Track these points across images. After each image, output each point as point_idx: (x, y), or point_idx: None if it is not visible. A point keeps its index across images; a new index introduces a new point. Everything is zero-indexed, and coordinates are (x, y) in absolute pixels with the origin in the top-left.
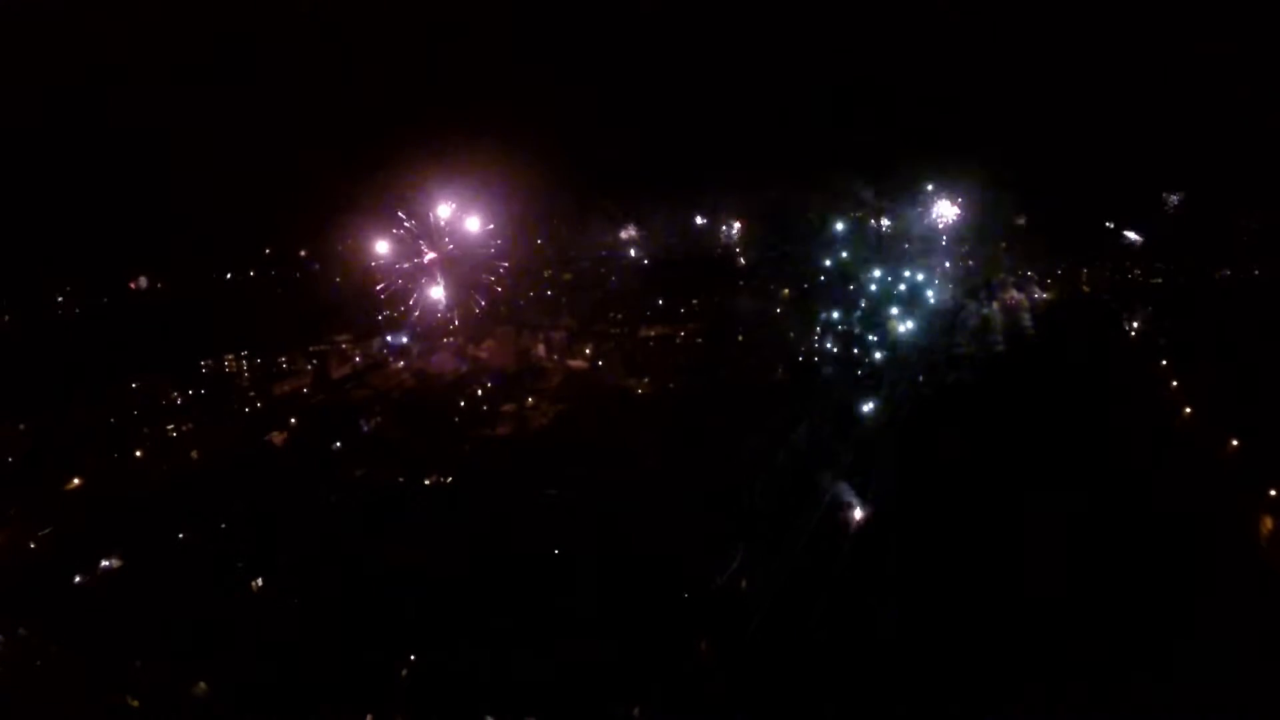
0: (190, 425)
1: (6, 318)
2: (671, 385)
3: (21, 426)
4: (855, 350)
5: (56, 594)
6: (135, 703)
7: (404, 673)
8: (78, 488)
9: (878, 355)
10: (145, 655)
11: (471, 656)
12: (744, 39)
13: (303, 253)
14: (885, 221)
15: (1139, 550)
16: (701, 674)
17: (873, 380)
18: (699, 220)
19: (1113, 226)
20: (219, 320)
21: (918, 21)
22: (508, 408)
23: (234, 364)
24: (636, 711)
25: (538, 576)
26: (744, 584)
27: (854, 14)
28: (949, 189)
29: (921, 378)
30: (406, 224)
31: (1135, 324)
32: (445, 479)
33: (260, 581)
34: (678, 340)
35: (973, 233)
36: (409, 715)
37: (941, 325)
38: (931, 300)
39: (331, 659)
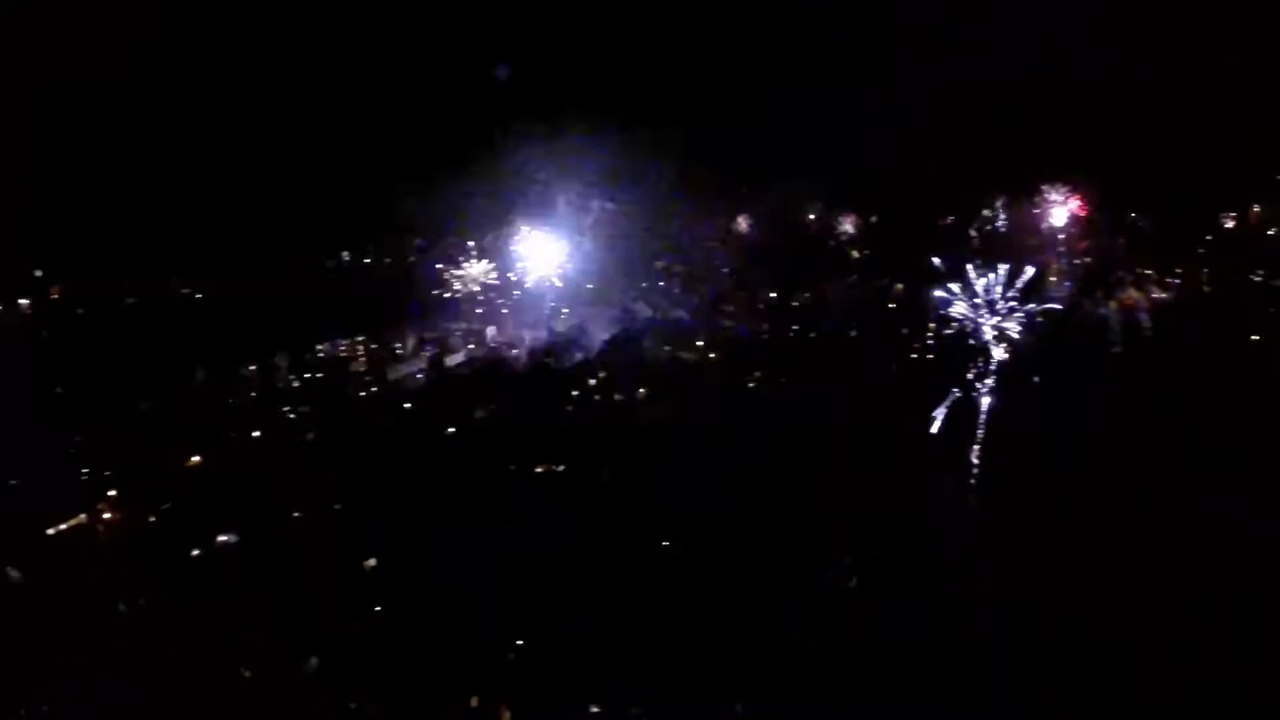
0: (307, 408)
1: (130, 299)
2: (783, 381)
3: (144, 405)
4: (969, 349)
5: (174, 566)
6: (247, 674)
7: (510, 657)
8: (197, 465)
9: (992, 354)
10: (258, 629)
11: (574, 645)
12: (864, 34)
13: (420, 240)
14: (1000, 216)
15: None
16: (803, 674)
17: (988, 381)
18: (812, 214)
19: (1234, 226)
20: (336, 305)
21: (1037, 17)
22: (619, 398)
23: (350, 349)
24: (739, 709)
25: (643, 571)
26: (852, 584)
27: (977, 10)
28: (1065, 182)
29: (1037, 379)
30: (526, 215)
31: (1259, 326)
32: (556, 467)
33: (373, 562)
34: (791, 335)
35: (1089, 229)
36: (513, 700)
37: (1057, 325)
38: (1047, 298)
39: (440, 639)
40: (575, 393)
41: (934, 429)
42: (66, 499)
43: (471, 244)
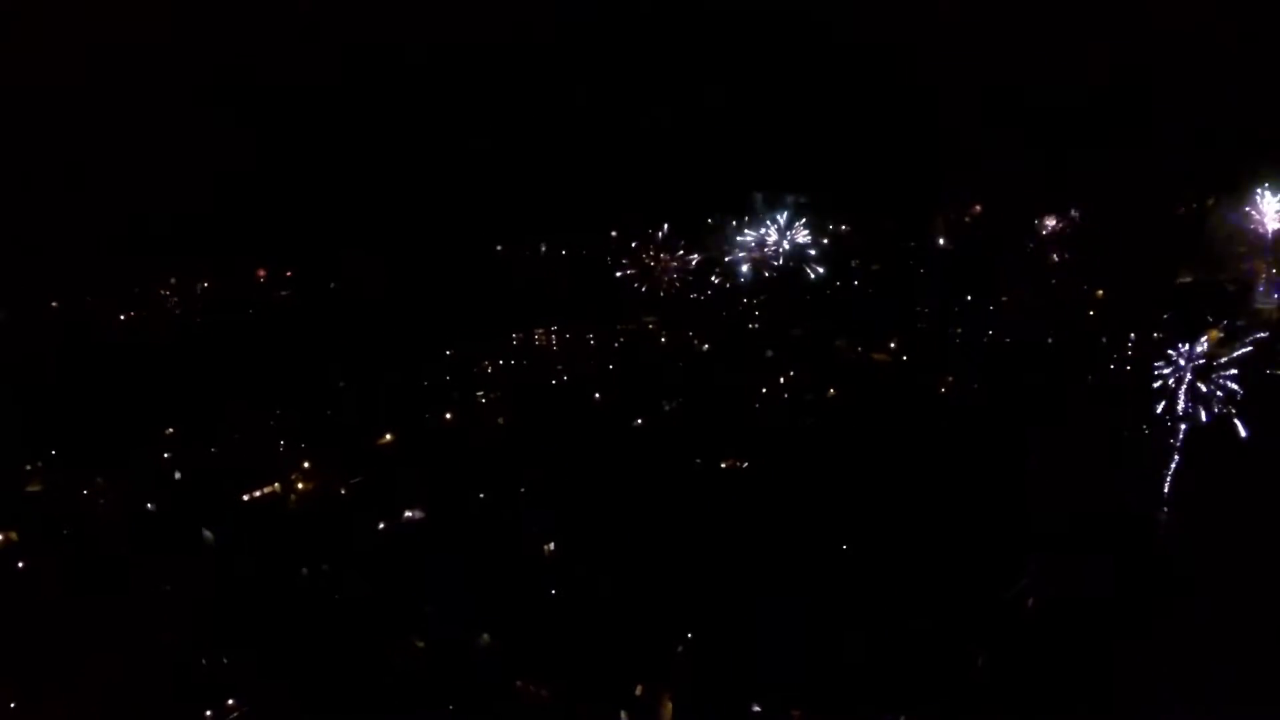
0: (498, 393)
1: (333, 284)
2: (975, 386)
3: (341, 384)
4: (1169, 359)
5: (359, 536)
6: (420, 644)
7: (680, 649)
8: (389, 443)
9: (1192, 365)
10: (434, 603)
11: (741, 640)
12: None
13: (615, 233)
14: (1207, 220)
15: None
16: (971, 685)
17: (1187, 392)
18: (1006, 217)
19: None
20: (533, 295)
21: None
22: (808, 397)
23: (544, 338)
24: (902, 718)
25: (818, 568)
26: (1030, 602)
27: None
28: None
29: (1239, 393)
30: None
31: None
32: (741, 464)
33: (551, 546)
34: (985, 340)
35: None
36: (676, 691)
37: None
38: (1253, 308)
39: (610, 626)
40: (763, 390)
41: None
42: (263, 467)
43: (662, 234)
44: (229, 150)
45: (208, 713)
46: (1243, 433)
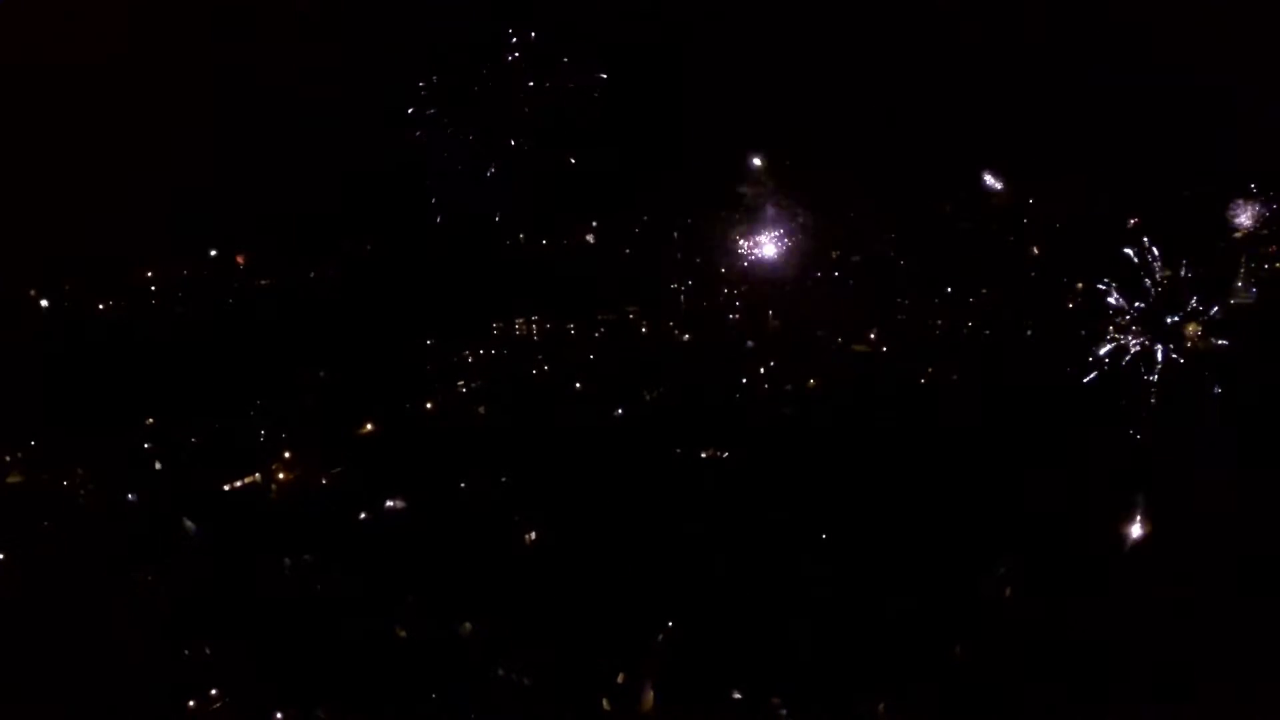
0: (480, 382)
1: (313, 272)
2: (955, 377)
3: (322, 373)
4: (1151, 354)
5: (341, 528)
6: (403, 634)
7: (660, 637)
8: (370, 433)
9: (1176, 361)
10: (418, 594)
11: (723, 631)
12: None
13: (595, 224)
14: (1187, 212)
15: None
16: (947, 678)
17: (1169, 388)
18: (994, 202)
19: None
20: (513, 284)
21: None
22: (788, 387)
23: (524, 327)
24: (881, 708)
25: (798, 561)
26: (1008, 593)
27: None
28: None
29: (1218, 390)
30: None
31: None
32: (721, 454)
33: (533, 536)
34: (966, 330)
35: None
36: (657, 681)
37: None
38: (1232, 302)
39: (592, 615)
40: (744, 380)
41: (1111, 437)
42: (243, 457)
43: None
44: (206, 138)
45: (190, 704)
46: (1224, 426)
